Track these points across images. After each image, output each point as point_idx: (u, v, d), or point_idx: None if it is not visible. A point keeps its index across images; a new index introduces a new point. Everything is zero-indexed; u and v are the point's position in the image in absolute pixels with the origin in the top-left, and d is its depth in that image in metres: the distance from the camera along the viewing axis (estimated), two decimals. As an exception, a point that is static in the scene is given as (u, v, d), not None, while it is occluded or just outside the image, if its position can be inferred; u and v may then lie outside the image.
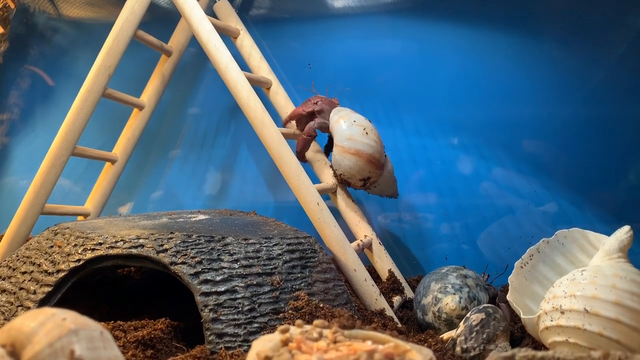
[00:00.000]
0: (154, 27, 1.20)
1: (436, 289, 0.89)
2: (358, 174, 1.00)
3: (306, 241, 0.82)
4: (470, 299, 0.86)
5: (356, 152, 0.98)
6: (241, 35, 1.11)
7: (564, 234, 0.80)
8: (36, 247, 0.81)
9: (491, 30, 1.15)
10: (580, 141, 1.09)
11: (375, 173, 1.01)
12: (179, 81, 1.33)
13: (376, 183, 1.04)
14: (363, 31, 1.24)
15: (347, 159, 0.99)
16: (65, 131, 1.00)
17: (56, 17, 1.46)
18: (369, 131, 1.00)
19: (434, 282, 0.91)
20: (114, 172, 1.14)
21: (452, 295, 0.87)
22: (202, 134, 1.35)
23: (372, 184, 1.04)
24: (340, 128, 1.00)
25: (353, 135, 0.98)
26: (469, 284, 0.88)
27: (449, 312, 0.86)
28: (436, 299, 0.88)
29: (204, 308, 0.69)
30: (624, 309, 0.63)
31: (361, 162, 0.98)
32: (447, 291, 0.88)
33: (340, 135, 0.99)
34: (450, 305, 0.86)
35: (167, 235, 0.75)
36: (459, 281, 0.89)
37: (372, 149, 0.99)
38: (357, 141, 0.98)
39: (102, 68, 1.00)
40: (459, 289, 0.88)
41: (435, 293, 0.89)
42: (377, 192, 1.08)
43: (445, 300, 0.87)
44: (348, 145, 0.98)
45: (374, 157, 0.99)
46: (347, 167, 0.99)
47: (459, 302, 0.86)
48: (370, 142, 0.99)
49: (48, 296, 0.74)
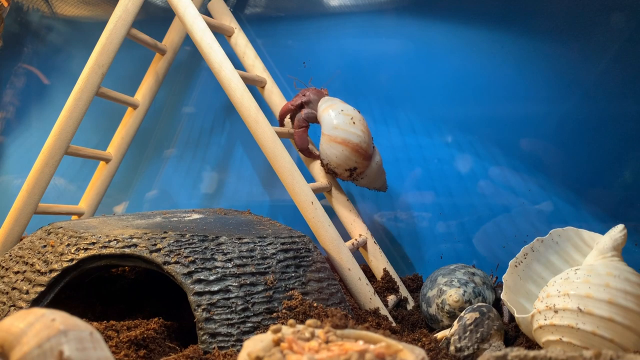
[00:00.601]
0: (148, 25, 1.20)
1: (442, 282, 0.91)
2: (344, 163, 1.00)
3: (300, 240, 0.82)
4: (475, 294, 0.88)
5: (343, 141, 0.98)
6: (235, 34, 1.11)
7: (558, 232, 0.80)
8: (29, 247, 0.81)
9: (486, 28, 1.15)
10: (576, 140, 1.09)
11: (362, 164, 1.01)
12: (173, 80, 1.33)
13: (363, 174, 1.04)
14: (358, 29, 1.24)
15: (334, 148, 0.98)
16: (58, 130, 0.99)
17: (50, 15, 1.46)
18: (357, 121, 1.00)
19: (441, 276, 0.93)
20: (108, 171, 1.13)
21: (457, 288, 0.89)
22: (197, 132, 1.35)
23: (358, 174, 1.03)
24: (327, 117, 0.99)
25: (340, 124, 0.98)
26: (476, 281, 0.90)
27: (452, 304, 0.88)
28: (441, 291, 0.90)
29: (197, 308, 0.69)
30: (617, 308, 0.63)
31: (347, 152, 0.98)
32: (452, 284, 0.90)
33: (328, 124, 0.99)
34: (453, 297, 0.88)
35: (161, 235, 0.75)
36: (466, 277, 0.90)
37: (359, 139, 0.99)
38: (344, 130, 0.98)
39: (96, 67, 1.00)
40: (465, 284, 0.89)
41: (441, 286, 0.91)
42: (364, 184, 1.07)
43: (449, 292, 0.89)
44: (335, 134, 0.98)
45: (361, 147, 0.99)
46: (333, 156, 0.99)
47: (462, 295, 0.88)
48: (358, 132, 0.99)
49: (41, 296, 0.74)
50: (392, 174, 1.19)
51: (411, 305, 1.03)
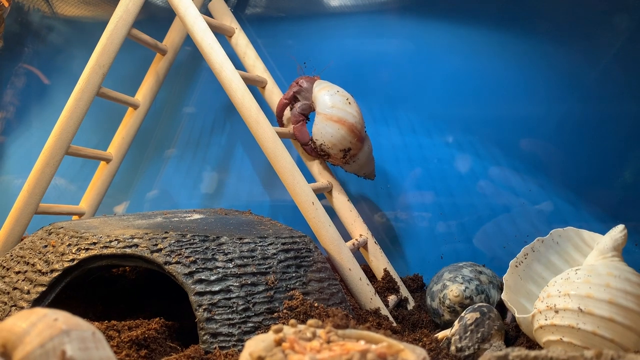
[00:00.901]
0: (149, 25, 1.20)
1: (447, 278, 0.93)
2: (339, 143, 1.00)
3: (301, 240, 0.82)
4: (478, 292, 0.89)
5: (339, 119, 0.98)
6: (236, 34, 1.11)
7: (559, 232, 0.80)
8: (30, 247, 0.81)
9: (486, 28, 1.15)
10: (576, 140, 1.10)
11: (356, 145, 1.01)
12: (174, 80, 1.33)
13: (356, 157, 1.04)
14: (359, 30, 1.24)
15: (330, 127, 0.99)
16: (59, 130, 0.99)
17: (51, 15, 1.46)
18: (352, 102, 1.01)
19: (447, 272, 0.94)
20: (108, 171, 1.13)
21: (459, 284, 0.90)
22: (197, 132, 1.35)
23: (352, 157, 1.04)
24: (323, 97, 1.00)
25: (336, 103, 0.99)
26: (482, 279, 0.91)
27: (452, 299, 0.89)
28: (444, 286, 0.91)
29: (198, 308, 0.69)
30: (618, 308, 0.63)
31: (343, 131, 0.99)
32: (456, 280, 0.91)
33: (323, 104, 1.00)
34: (454, 292, 0.89)
35: (162, 235, 0.75)
36: (472, 275, 0.92)
37: (355, 119, 1.00)
38: (340, 109, 0.99)
39: (96, 67, 1.00)
40: (469, 281, 0.90)
41: (445, 281, 0.92)
42: (355, 169, 1.08)
43: (451, 287, 0.90)
44: (331, 113, 0.99)
45: (356, 127, 1.00)
46: (328, 135, 0.99)
47: (463, 291, 0.89)
48: (353, 112, 1.00)
49: (42, 296, 0.74)
50: (393, 173, 1.19)
51: (412, 305, 1.03)
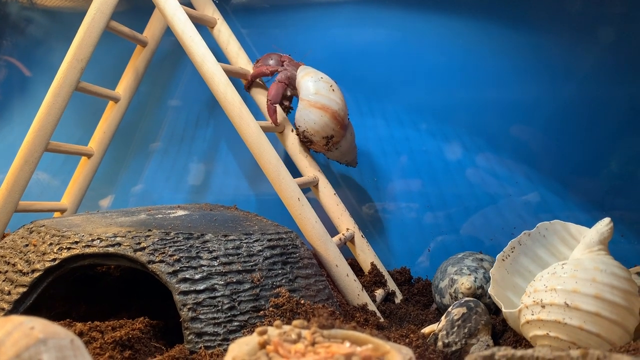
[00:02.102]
0: (128, 16, 1.18)
1: (452, 272, 0.92)
2: (322, 130, 0.99)
3: (287, 236, 0.81)
4: (486, 279, 0.90)
5: (322, 106, 0.98)
6: (218, 25, 1.09)
7: (545, 226, 0.80)
8: (11, 246, 0.79)
9: (473, 19, 1.14)
10: (562, 131, 1.10)
11: (339, 132, 1.01)
12: (157, 72, 1.31)
13: (338, 144, 1.04)
14: (345, 20, 1.22)
15: (313, 113, 0.98)
16: (37, 127, 0.97)
17: (29, 6, 1.42)
18: (335, 89, 1.01)
19: (451, 266, 0.94)
20: (90, 166, 1.11)
21: (468, 275, 0.90)
22: (182, 126, 1.33)
23: (334, 144, 1.03)
24: (306, 83, 1.00)
25: (320, 89, 0.99)
26: (485, 266, 0.92)
27: (465, 292, 0.89)
28: (452, 281, 0.91)
29: (182, 307, 0.68)
30: (604, 303, 0.63)
31: (326, 118, 0.98)
32: (462, 272, 0.91)
33: (307, 90, 0.99)
34: (465, 284, 0.89)
35: (145, 233, 0.74)
36: (475, 264, 0.92)
37: (338, 106, 1.00)
38: (324, 96, 0.99)
39: (74, 61, 0.97)
40: (475, 270, 0.91)
41: (452, 275, 0.92)
42: (337, 156, 1.08)
43: (461, 280, 0.90)
44: (315, 99, 0.98)
45: (339, 114, 0.99)
46: (311, 122, 0.99)
47: (474, 282, 0.89)
48: (336, 99, 1.00)
49: (23, 297, 0.73)
50: (380, 166, 1.19)
51: (399, 299, 1.03)
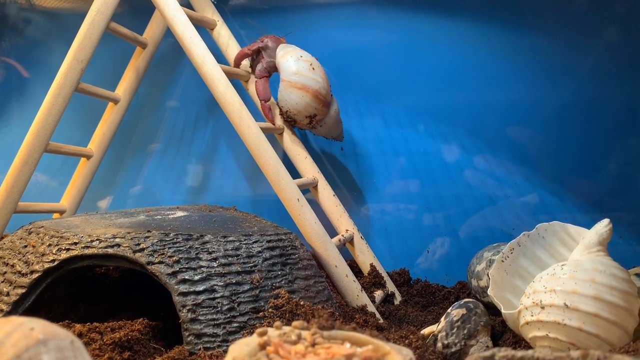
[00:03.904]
0: (128, 17, 1.18)
1: (490, 255, 0.92)
2: (304, 110, 1.00)
3: (286, 237, 0.81)
4: None
5: (303, 86, 0.98)
6: (218, 27, 1.09)
7: (544, 227, 0.80)
8: (10, 247, 0.79)
9: (471, 20, 1.14)
10: (561, 132, 1.10)
11: (322, 111, 1.01)
12: (156, 73, 1.31)
13: (322, 122, 1.04)
14: (344, 22, 1.22)
15: (294, 94, 0.98)
16: (37, 128, 0.97)
17: (28, 7, 1.42)
18: (316, 67, 1.01)
19: (487, 251, 0.94)
20: (89, 167, 1.11)
21: None
22: (181, 127, 1.33)
23: (318, 122, 1.04)
24: (286, 63, 1.00)
25: (300, 69, 0.99)
26: None
27: None
28: (490, 261, 0.90)
29: (182, 308, 0.68)
30: (603, 304, 0.63)
31: (308, 98, 0.98)
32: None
33: (287, 70, 0.99)
34: None
35: (144, 234, 0.73)
36: None
37: (319, 85, 0.99)
38: (304, 76, 0.98)
39: (74, 62, 0.97)
40: None
41: (490, 257, 0.91)
42: (323, 133, 1.08)
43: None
44: (295, 80, 0.98)
45: (320, 93, 0.99)
46: (293, 102, 0.99)
47: None
48: (317, 78, 1.00)
49: (22, 298, 0.73)
50: (379, 167, 1.19)
51: (398, 300, 1.03)
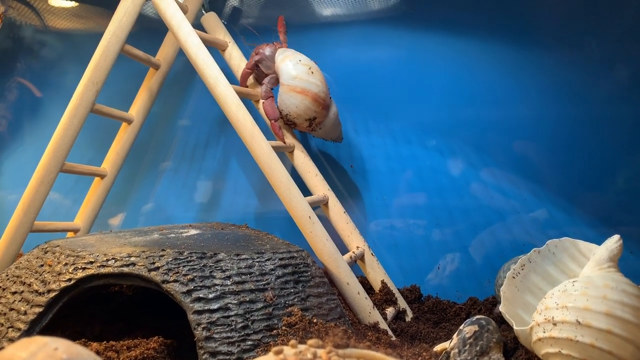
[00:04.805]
0: (141, 38, 1.20)
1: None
2: (304, 113, 1.01)
3: (298, 255, 0.82)
4: None
5: (302, 90, 1.00)
6: (229, 48, 1.11)
7: (555, 243, 0.81)
8: (26, 266, 0.80)
9: (479, 38, 1.16)
10: (568, 147, 1.10)
11: (321, 113, 1.03)
12: (168, 93, 1.33)
13: (322, 124, 1.06)
14: (352, 41, 1.24)
15: (293, 98, 1.00)
16: (53, 148, 0.99)
17: (42, 28, 1.45)
18: (315, 70, 1.02)
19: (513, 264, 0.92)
20: (103, 186, 1.13)
21: None
22: (192, 145, 1.34)
23: (317, 124, 1.05)
24: (286, 67, 1.02)
25: (299, 74, 1.00)
26: None
27: None
28: None
29: (197, 326, 0.68)
30: (615, 320, 0.64)
31: (307, 101, 1.00)
32: None
33: (286, 74, 1.01)
34: None
35: (159, 253, 0.75)
36: None
37: (318, 88, 1.01)
38: (303, 80, 1.00)
39: (90, 84, 1.00)
40: None
41: None
42: (322, 135, 1.09)
43: None
44: (294, 84, 1.00)
45: (320, 96, 1.01)
46: (293, 106, 1.01)
47: None
48: (316, 82, 1.01)
49: (39, 317, 0.74)
50: (388, 184, 1.20)
51: (409, 317, 1.03)
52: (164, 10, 0.97)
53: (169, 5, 0.96)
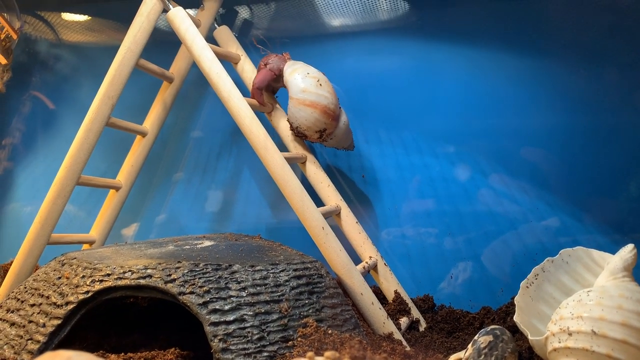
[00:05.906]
0: (155, 51, 1.22)
1: None
2: (314, 125, 1.02)
3: (312, 266, 0.82)
4: None
5: (311, 103, 1.00)
6: (242, 61, 1.13)
7: (568, 252, 0.81)
8: (44, 279, 0.81)
9: (488, 47, 1.16)
10: (580, 155, 1.10)
11: (331, 125, 1.03)
12: (181, 104, 1.34)
13: (332, 135, 1.06)
14: (362, 51, 1.25)
15: (303, 111, 1.00)
16: (70, 162, 1.00)
17: (57, 43, 1.48)
18: (323, 83, 1.03)
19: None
20: (118, 199, 1.14)
21: None
22: (205, 156, 1.36)
23: (328, 135, 1.06)
24: (294, 80, 1.02)
25: (307, 87, 1.01)
26: None
27: None
28: None
29: (213, 338, 0.69)
30: (631, 330, 0.63)
31: (317, 114, 1.00)
32: None
33: (295, 88, 1.01)
34: None
35: (175, 265, 0.75)
36: None
37: (327, 100, 1.01)
38: (312, 93, 1.01)
39: (105, 98, 1.01)
40: None
41: None
42: (333, 145, 1.10)
43: None
44: (303, 97, 1.00)
45: (329, 108, 1.01)
46: (302, 119, 1.01)
47: None
48: (325, 94, 1.01)
49: (58, 329, 0.74)
50: (399, 193, 1.20)
51: (423, 327, 1.03)
52: (178, 26, 0.98)
53: (183, 21, 0.98)
